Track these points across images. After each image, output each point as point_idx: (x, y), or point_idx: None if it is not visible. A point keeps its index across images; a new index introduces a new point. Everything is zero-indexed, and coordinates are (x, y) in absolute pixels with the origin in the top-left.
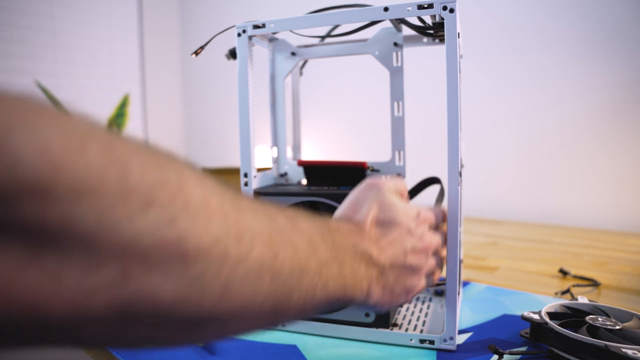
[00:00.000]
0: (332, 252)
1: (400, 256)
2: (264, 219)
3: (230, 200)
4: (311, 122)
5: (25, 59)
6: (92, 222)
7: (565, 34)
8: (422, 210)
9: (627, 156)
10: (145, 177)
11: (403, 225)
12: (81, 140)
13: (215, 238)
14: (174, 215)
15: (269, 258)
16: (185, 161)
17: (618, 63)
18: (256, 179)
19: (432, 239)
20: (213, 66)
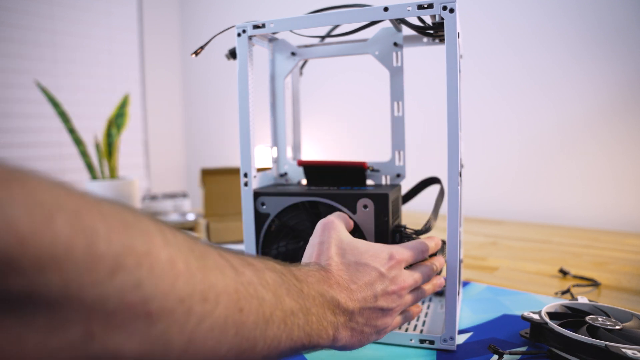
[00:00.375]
0: (298, 302)
1: (370, 300)
2: (230, 274)
3: (197, 259)
4: (311, 122)
5: (25, 59)
6: (57, 290)
7: (565, 34)
8: (396, 250)
9: (627, 156)
10: (112, 244)
11: (373, 268)
12: (48, 212)
13: (180, 298)
14: (139, 279)
15: (234, 312)
16: (154, 221)
17: (618, 63)
18: (256, 179)
19: (407, 279)
20: (213, 66)
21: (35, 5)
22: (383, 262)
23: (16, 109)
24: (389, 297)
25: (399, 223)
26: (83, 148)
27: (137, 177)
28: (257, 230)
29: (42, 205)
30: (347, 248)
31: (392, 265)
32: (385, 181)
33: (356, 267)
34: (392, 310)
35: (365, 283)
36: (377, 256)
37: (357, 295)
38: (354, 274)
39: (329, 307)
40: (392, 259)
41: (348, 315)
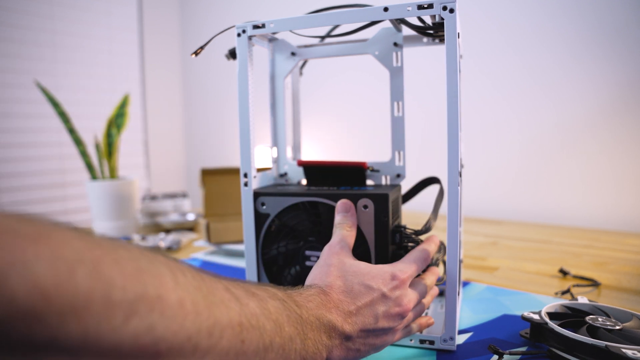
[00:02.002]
0: (297, 328)
1: (370, 322)
2: (234, 308)
3: (204, 297)
4: (311, 122)
5: (25, 59)
6: (77, 337)
7: (565, 34)
8: (400, 269)
9: (627, 156)
10: (128, 292)
11: (376, 289)
12: (70, 267)
13: (187, 336)
14: (152, 323)
15: (236, 344)
16: (166, 262)
17: (618, 63)
18: (256, 179)
19: (412, 298)
20: (213, 66)
21: (35, 5)
22: (386, 283)
23: (16, 109)
24: (392, 318)
25: (399, 223)
26: (83, 148)
27: (137, 177)
28: (257, 230)
29: (64, 260)
30: (349, 270)
31: (395, 286)
32: (385, 181)
33: (358, 289)
34: (394, 329)
35: (366, 304)
36: (380, 277)
37: (356, 317)
38: (356, 296)
39: (325, 330)
40: (396, 279)
41: (345, 337)
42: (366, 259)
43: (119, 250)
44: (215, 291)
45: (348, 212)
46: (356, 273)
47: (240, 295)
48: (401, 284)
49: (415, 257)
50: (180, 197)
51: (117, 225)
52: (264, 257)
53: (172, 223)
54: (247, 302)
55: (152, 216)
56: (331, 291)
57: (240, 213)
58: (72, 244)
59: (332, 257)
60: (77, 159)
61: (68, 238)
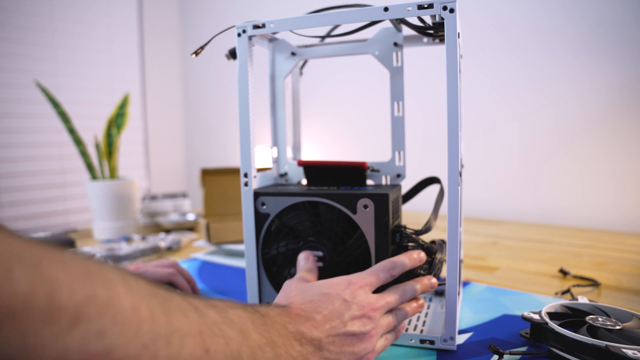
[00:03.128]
0: (264, 336)
1: (338, 326)
2: (193, 317)
3: (159, 304)
4: (311, 122)
5: (25, 59)
6: (15, 344)
7: (565, 34)
8: (355, 277)
9: (627, 156)
10: (74, 295)
11: (335, 296)
12: (6, 265)
13: (144, 344)
14: (102, 328)
15: (201, 353)
16: (117, 269)
17: (618, 63)
18: (256, 179)
19: (377, 301)
20: (213, 66)
21: (35, 5)
22: (343, 289)
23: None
24: (359, 321)
25: (399, 223)
26: (83, 148)
27: (137, 177)
28: (257, 230)
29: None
30: (306, 286)
31: (353, 290)
32: (385, 181)
33: (318, 299)
34: (369, 334)
35: (330, 311)
36: (337, 284)
37: (322, 324)
38: (318, 305)
39: (295, 337)
40: (352, 284)
41: (316, 344)
42: (366, 259)
43: (64, 253)
44: (171, 299)
45: (307, 259)
46: (313, 286)
47: (199, 305)
48: (358, 289)
49: (378, 267)
50: (180, 197)
51: (117, 225)
52: (264, 257)
53: (172, 223)
54: (207, 311)
55: (152, 216)
56: (292, 306)
57: (240, 213)
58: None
59: (289, 284)
60: (77, 159)
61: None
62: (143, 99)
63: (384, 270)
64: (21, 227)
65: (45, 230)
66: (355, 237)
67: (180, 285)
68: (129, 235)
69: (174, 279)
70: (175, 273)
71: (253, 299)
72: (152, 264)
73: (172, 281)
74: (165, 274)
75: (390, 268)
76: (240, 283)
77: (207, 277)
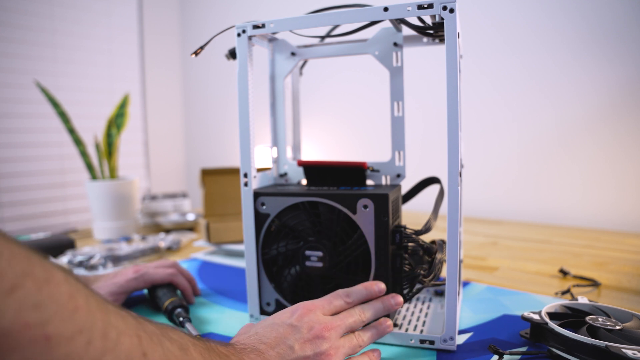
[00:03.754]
0: (205, 358)
1: (286, 353)
2: (131, 321)
3: (97, 302)
4: (311, 122)
5: (25, 59)
6: None
7: (565, 34)
8: (304, 303)
9: (627, 156)
10: (13, 265)
11: (281, 324)
12: None
13: (78, 329)
14: (38, 302)
15: (138, 355)
16: (60, 266)
17: (618, 63)
18: (256, 179)
19: (331, 321)
20: (213, 66)
21: (35, 5)
22: (289, 316)
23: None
24: (311, 343)
25: (399, 223)
26: (83, 148)
27: (137, 177)
28: (257, 230)
29: None
30: (254, 324)
31: (301, 314)
32: (385, 181)
33: (263, 332)
34: (326, 354)
35: (275, 338)
36: (284, 313)
37: (267, 351)
38: (262, 335)
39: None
40: (299, 309)
41: None
42: (366, 259)
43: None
44: (109, 304)
45: None
46: (260, 322)
47: (136, 315)
48: (307, 312)
49: (332, 294)
50: (180, 197)
51: (117, 225)
52: (264, 257)
53: (172, 223)
54: (145, 322)
55: (152, 216)
56: (237, 342)
57: (240, 213)
58: None
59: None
60: (77, 159)
61: None
62: (143, 99)
63: (337, 297)
64: (21, 227)
65: (45, 230)
66: (355, 237)
67: (181, 286)
68: (129, 235)
69: (174, 279)
70: (175, 273)
71: (253, 299)
72: (152, 264)
73: (173, 281)
74: (166, 274)
75: (344, 295)
76: (240, 283)
77: (207, 277)
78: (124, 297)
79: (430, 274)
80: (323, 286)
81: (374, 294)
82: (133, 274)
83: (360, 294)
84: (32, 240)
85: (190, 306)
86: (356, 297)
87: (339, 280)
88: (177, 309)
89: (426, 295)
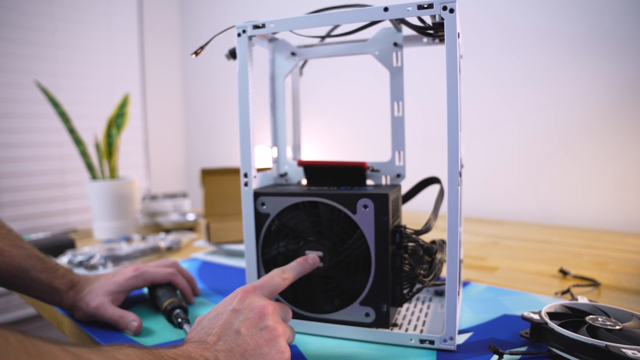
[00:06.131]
0: None
1: (233, 338)
2: None
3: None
4: (311, 122)
5: (25, 59)
6: None
7: (565, 34)
8: (243, 287)
9: (627, 156)
10: None
11: (223, 312)
12: None
13: None
14: None
15: None
16: None
17: (618, 63)
18: (256, 179)
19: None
20: (213, 66)
21: (35, 5)
22: (230, 302)
23: (16, 109)
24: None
25: (399, 223)
26: (83, 148)
27: (137, 177)
28: (257, 230)
29: None
30: (202, 318)
31: (241, 298)
32: (385, 181)
33: (210, 322)
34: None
35: (221, 326)
36: (225, 301)
37: (217, 344)
38: (209, 328)
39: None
40: (239, 294)
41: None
42: (366, 258)
43: None
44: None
45: None
46: (207, 315)
47: (81, 352)
48: (245, 295)
49: (269, 274)
50: (180, 197)
51: (117, 225)
52: (264, 257)
53: (172, 223)
54: (89, 356)
55: (152, 216)
56: (187, 341)
57: (240, 213)
58: None
59: None
60: (77, 159)
61: None
62: (143, 99)
63: (273, 277)
64: (21, 227)
65: (45, 230)
66: (355, 237)
67: (181, 285)
68: (129, 235)
69: (174, 279)
70: (175, 273)
71: None
72: (152, 264)
73: (172, 281)
74: (166, 274)
75: (281, 273)
76: (240, 283)
77: (207, 277)
78: (123, 295)
79: (430, 274)
80: (323, 286)
81: (307, 269)
82: (132, 272)
83: (296, 270)
84: (32, 240)
85: (190, 306)
86: (291, 273)
87: (339, 280)
88: (176, 310)
89: (426, 295)
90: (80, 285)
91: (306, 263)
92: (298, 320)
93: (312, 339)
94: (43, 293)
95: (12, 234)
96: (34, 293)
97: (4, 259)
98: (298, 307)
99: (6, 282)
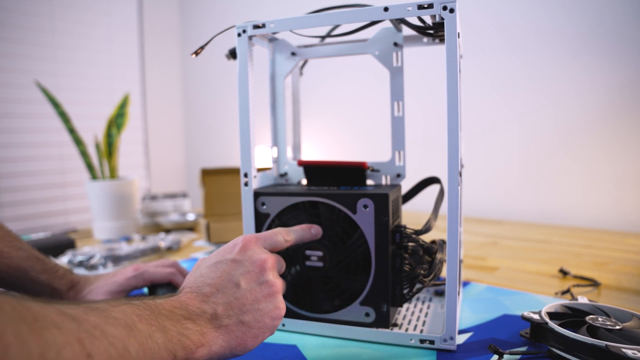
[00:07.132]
0: (152, 324)
1: (232, 292)
2: (70, 327)
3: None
4: (311, 122)
5: (25, 58)
6: None
7: (565, 34)
8: (241, 237)
9: (627, 156)
10: None
11: (222, 261)
12: None
13: None
14: None
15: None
16: None
17: (618, 63)
18: (256, 179)
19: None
20: (213, 66)
21: (35, 5)
22: (230, 251)
23: (16, 109)
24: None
25: (399, 223)
26: (83, 148)
27: (137, 177)
28: (257, 230)
29: None
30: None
31: (241, 248)
32: (385, 181)
33: (207, 272)
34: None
35: (220, 277)
36: (225, 249)
37: (215, 296)
38: (206, 278)
39: (185, 317)
40: (239, 242)
41: (212, 317)
42: (366, 258)
43: None
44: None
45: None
46: (205, 260)
47: (77, 313)
48: (247, 244)
49: (274, 230)
50: (180, 197)
51: (117, 225)
52: None
53: (172, 223)
54: (86, 317)
55: (152, 216)
56: (184, 289)
57: (240, 213)
58: None
59: None
60: (77, 159)
61: None
62: (143, 99)
63: (277, 233)
64: (21, 227)
65: (45, 230)
66: (355, 237)
67: (180, 285)
68: (129, 235)
69: (174, 279)
70: (175, 273)
71: None
72: (152, 264)
73: (172, 281)
74: (165, 273)
75: (285, 233)
76: None
77: None
78: (123, 295)
79: (430, 274)
80: (323, 286)
81: (309, 237)
82: (132, 272)
83: (298, 234)
84: (32, 240)
85: None
86: (294, 237)
87: (339, 280)
88: None
89: (426, 295)
90: (80, 285)
91: (309, 230)
92: (298, 320)
93: (312, 339)
94: (43, 294)
95: (11, 235)
96: (34, 294)
97: (4, 260)
98: (298, 307)
99: (6, 283)
